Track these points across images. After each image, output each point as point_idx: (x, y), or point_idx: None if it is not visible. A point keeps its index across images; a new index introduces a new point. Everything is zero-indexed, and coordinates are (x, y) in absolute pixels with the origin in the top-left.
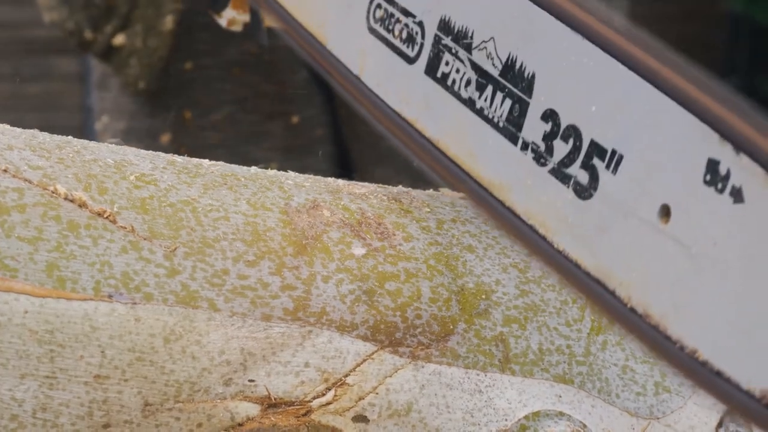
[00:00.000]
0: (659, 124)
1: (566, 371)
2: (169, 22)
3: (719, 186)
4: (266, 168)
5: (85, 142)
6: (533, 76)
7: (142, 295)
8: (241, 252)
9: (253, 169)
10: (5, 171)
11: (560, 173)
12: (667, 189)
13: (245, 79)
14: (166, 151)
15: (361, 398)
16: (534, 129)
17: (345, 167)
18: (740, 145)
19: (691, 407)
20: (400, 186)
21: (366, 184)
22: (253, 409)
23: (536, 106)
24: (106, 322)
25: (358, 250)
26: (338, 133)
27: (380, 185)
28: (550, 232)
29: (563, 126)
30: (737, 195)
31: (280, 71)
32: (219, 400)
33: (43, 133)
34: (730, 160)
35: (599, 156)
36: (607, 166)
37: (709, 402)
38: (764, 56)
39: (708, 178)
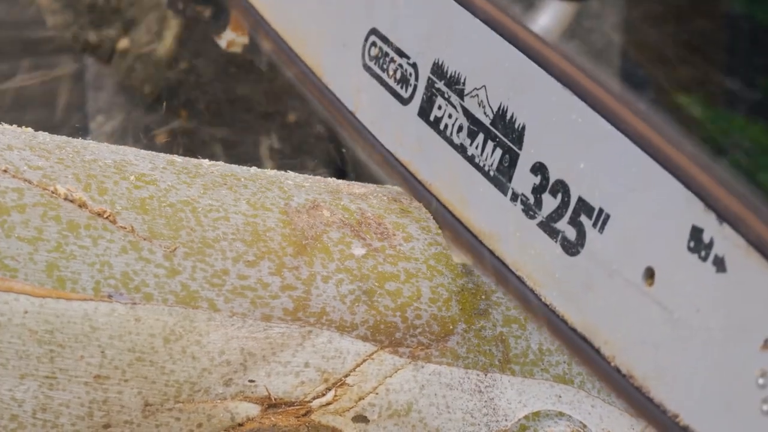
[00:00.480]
0: (646, 187)
1: (566, 371)
2: (174, 25)
3: (702, 254)
4: (262, 167)
5: (85, 142)
6: (523, 128)
7: (142, 295)
8: (241, 252)
9: (253, 169)
10: (5, 171)
11: (548, 227)
12: (652, 252)
13: (241, 78)
14: (162, 151)
15: (361, 398)
16: (523, 181)
17: (342, 166)
18: (724, 216)
19: None
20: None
21: (366, 184)
22: (253, 410)
23: (526, 157)
24: (106, 322)
25: (358, 251)
26: (335, 131)
27: (380, 185)
28: (537, 285)
29: (552, 180)
30: (720, 264)
31: (276, 70)
32: (219, 401)
33: (43, 133)
34: (713, 229)
35: (587, 214)
36: (594, 225)
37: None
38: (764, 56)
39: (692, 245)
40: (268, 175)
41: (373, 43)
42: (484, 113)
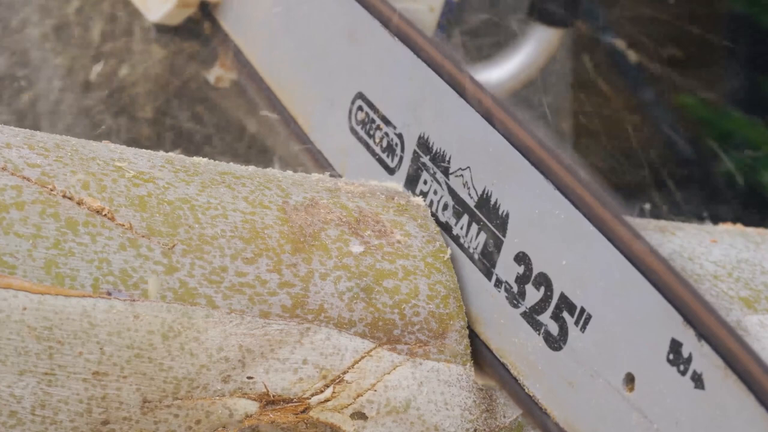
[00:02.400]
0: (627, 294)
1: None
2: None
3: (681, 368)
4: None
5: (84, 141)
6: (507, 215)
7: (141, 292)
8: (239, 249)
9: (251, 167)
10: (4, 169)
11: (532, 319)
12: (632, 358)
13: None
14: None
15: (359, 395)
16: (507, 269)
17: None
18: (702, 334)
19: None
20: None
21: (363, 182)
22: (251, 406)
23: (510, 245)
24: (104, 318)
25: (356, 248)
26: None
27: (378, 183)
28: (521, 375)
29: (535, 272)
30: (698, 381)
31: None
32: (217, 397)
33: (41, 132)
34: (692, 345)
35: (569, 311)
36: (576, 323)
37: None
38: (764, 57)
39: (671, 357)
40: (267, 174)
41: (360, 107)
42: (469, 195)
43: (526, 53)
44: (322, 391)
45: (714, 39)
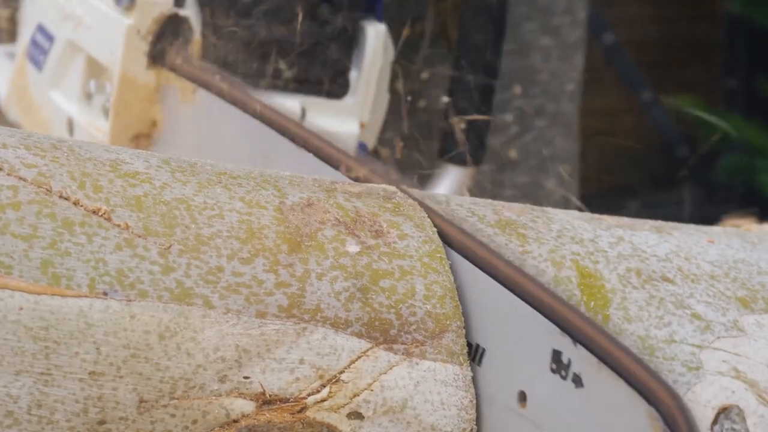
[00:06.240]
0: (513, 321)
1: None
2: None
3: (563, 373)
4: None
5: (80, 141)
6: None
7: (137, 292)
8: (235, 249)
9: (248, 168)
10: (0, 169)
11: None
12: (522, 377)
13: None
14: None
15: (356, 395)
16: None
17: None
18: (576, 338)
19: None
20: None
21: (360, 183)
22: (248, 406)
23: None
24: (101, 318)
25: (353, 248)
26: None
27: (375, 184)
28: None
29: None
30: (578, 381)
31: None
32: (214, 397)
33: (37, 132)
34: (569, 350)
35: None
36: (473, 359)
37: (704, 399)
38: (763, 57)
39: (554, 366)
40: (263, 174)
41: None
42: None
43: (443, 190)
44: (318, 391)
45: (713, 39)
